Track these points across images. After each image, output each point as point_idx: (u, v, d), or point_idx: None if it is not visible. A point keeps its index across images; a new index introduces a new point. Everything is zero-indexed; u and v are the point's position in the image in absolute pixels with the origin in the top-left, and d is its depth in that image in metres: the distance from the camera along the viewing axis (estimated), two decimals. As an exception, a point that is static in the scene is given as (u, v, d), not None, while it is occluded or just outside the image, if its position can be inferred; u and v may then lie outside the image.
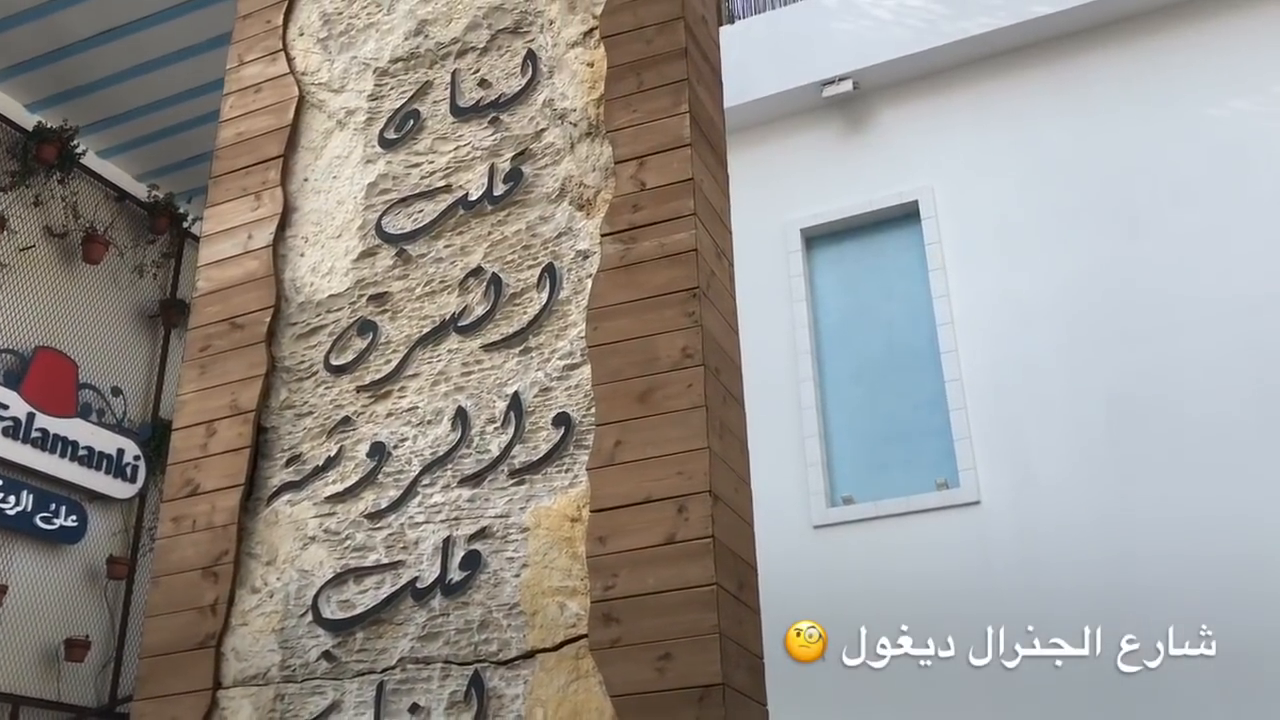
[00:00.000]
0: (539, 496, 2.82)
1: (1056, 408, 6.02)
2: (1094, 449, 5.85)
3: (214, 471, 3.18)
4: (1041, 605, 5.50)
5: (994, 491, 6.09)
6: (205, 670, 2.94)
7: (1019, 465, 6.06)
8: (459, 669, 2.71)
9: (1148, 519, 5.50)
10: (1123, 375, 5.88)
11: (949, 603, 5.71)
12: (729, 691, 2.44)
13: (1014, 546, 5.85)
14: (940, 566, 5.94)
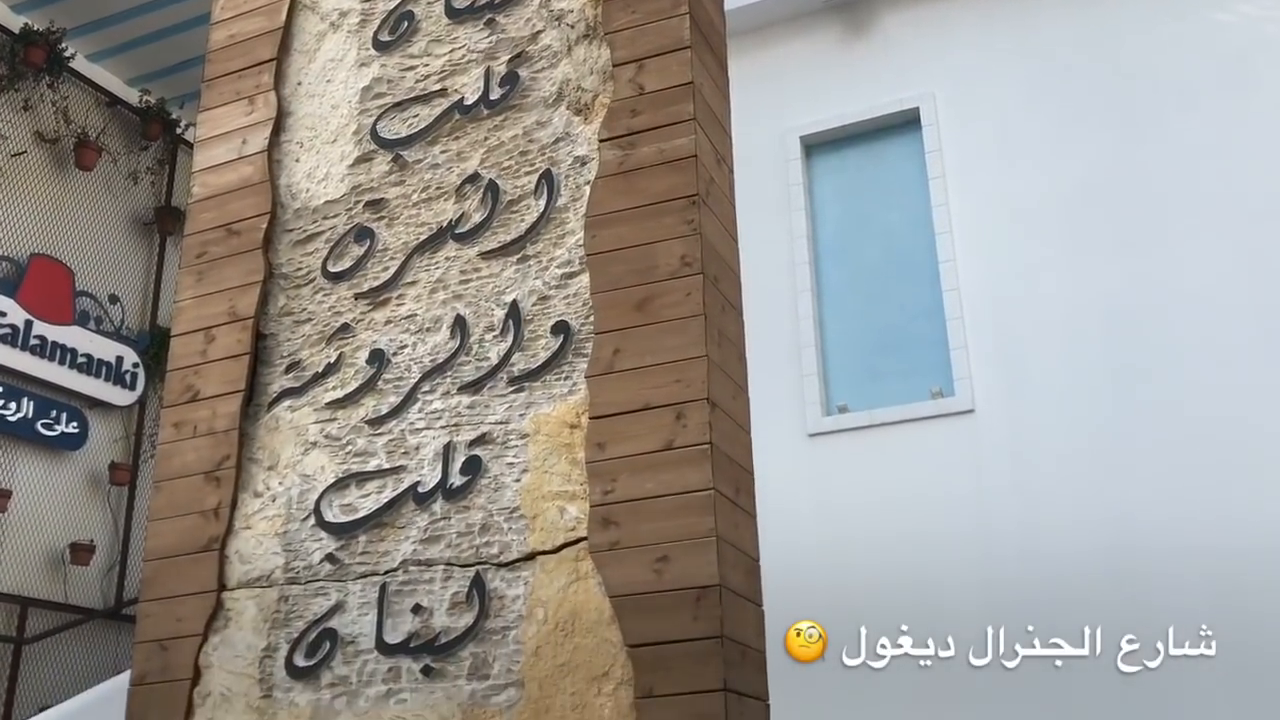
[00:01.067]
0: (538, 404, 2.83)
1: (1053, 317, 6.02)
2: (1090, 359, 5.86)
3: (214, 378, 3.19)
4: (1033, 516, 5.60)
5: (988, 400, 6.12)
6: (209, 572, 2.99)
7: (1014, 374, 6.08)
8: (460, 571, 2.75)
9: (1142, 429, 5.54)
10: (1121, 284, 5.87)
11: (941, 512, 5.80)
12: (725, 592, 2.49)
13: (1007, 455, 5.90)
14: (934, 475, 6.00)
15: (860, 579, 5.63)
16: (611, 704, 2.48)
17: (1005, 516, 5.72)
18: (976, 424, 6.16)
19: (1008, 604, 4.55)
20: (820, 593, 5.46)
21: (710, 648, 2.43)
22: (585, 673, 2.53)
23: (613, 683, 2.50)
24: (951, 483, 5.92)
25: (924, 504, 5.88)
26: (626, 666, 2.49)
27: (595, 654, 2.54)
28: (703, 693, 2.40)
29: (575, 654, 2.56)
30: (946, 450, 6.09)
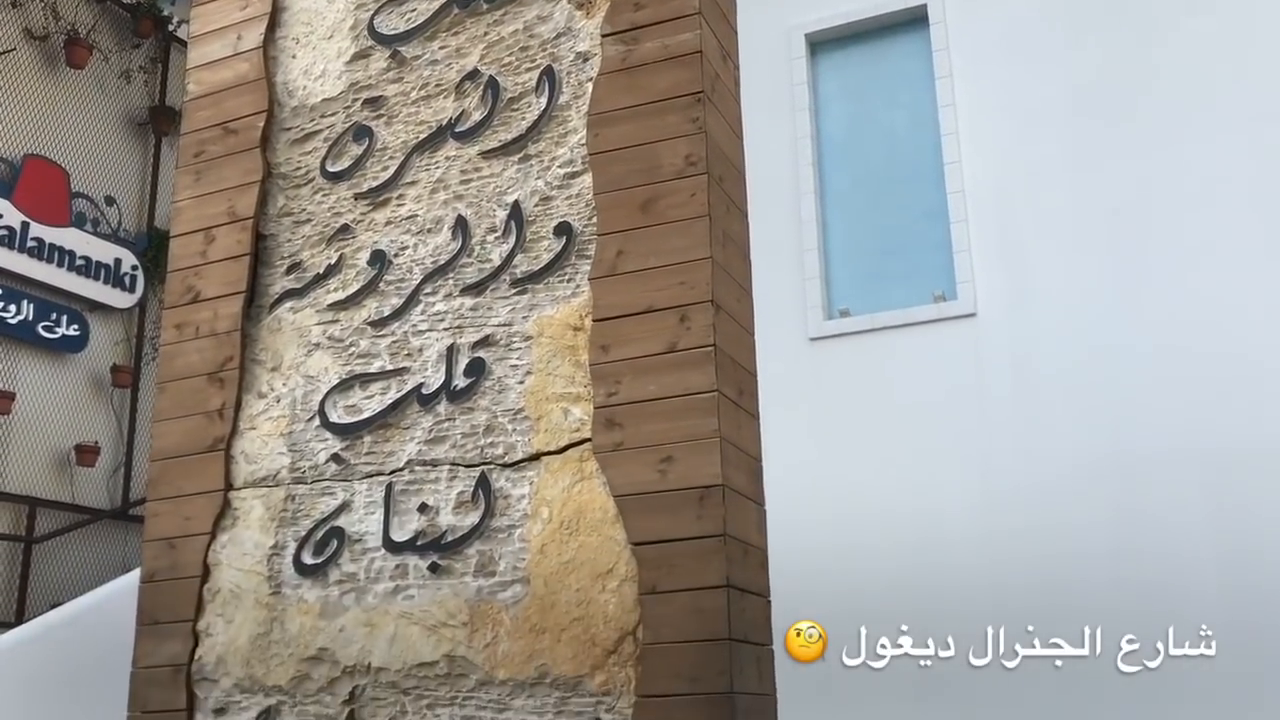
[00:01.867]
0: (541, 306, 2.82)
1: (1058, 220, 5.97)
2: (1094, 263, 5.82)
3: (214, 279, 3.18)
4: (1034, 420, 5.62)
5: (991, 304, 6.10)
6: (216, 472, 3.01)
7: (1017, 278, 6.05)
8: (466, 471, 2.77)
9: (1145, 335, 5.53)
10: (1127, 188, 5.80)
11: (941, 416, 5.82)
12: (728, 492, 2.51)
13: (1009, 359, 5.91)
14: (934, 379, 6.01)
15: (860, 503, 5.69)
16: (616, 600, 2.52)
17: (1006, 421, 5.75)
18: (978, 328, 6.15)
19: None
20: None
21: (713, 546, 2.46)
22: (590, 570, 2.57)
23: (617, 579, 2.54)
24: (952, 387, 5.94)
25: (924, 409, 5.90)
26: (631, 564, 2.53)
27: (600, 552, 2.57)
28: (706, 589, 2.43)
29: (580, 552, 2.59)
30: (948, 355, 6.10)
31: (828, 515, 5.61)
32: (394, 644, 2.70)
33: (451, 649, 2.64)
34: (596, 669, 2.50)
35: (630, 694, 2.45)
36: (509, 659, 2.59)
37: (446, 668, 2.64)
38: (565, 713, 2.50)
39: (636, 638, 2.48)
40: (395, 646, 2.70)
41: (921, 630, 2.32)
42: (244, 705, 2.82)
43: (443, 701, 2.62)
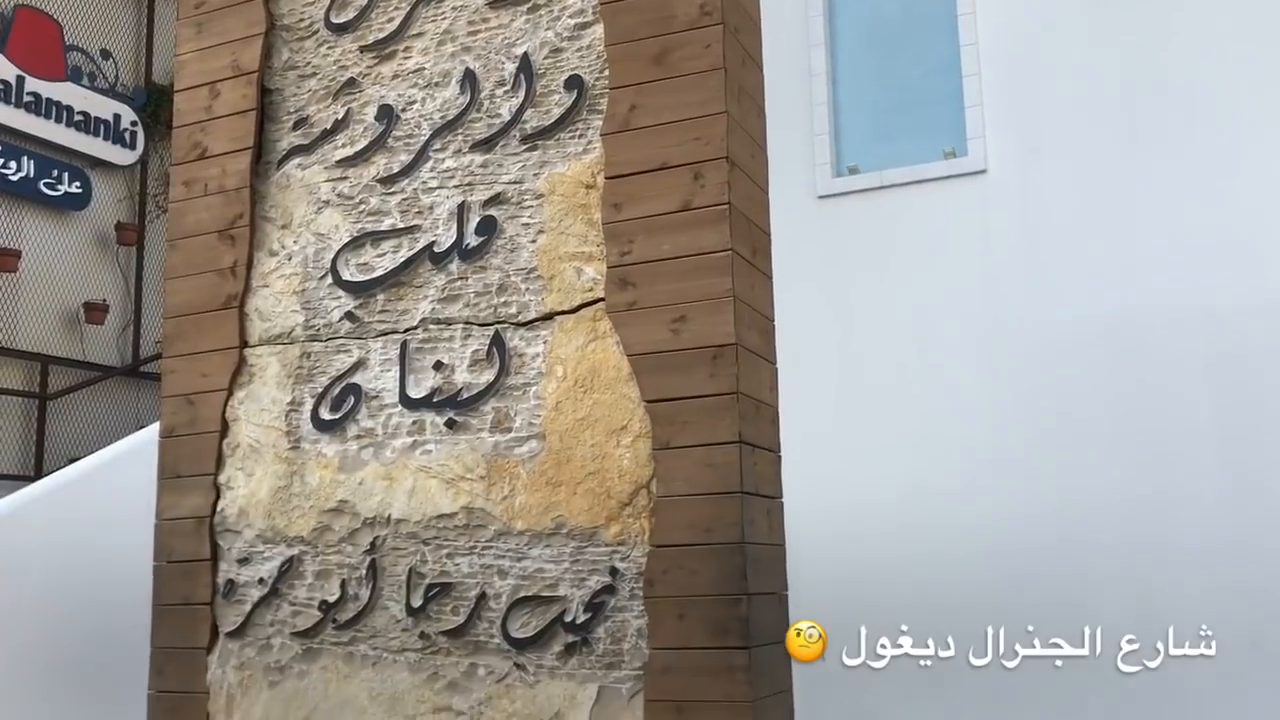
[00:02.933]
0: (552, 162, 2.79)
1: (1071, 77, 5.83)
2: (1107, 120, 5.73)
3: (221, 134, 3.14)
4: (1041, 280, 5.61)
5: (1001, 160, 6.02)
6: (231, 329, 3.03)
7: (1028, 134, 5.95)
8: (480, 329, 2.79)
9: (1156, 194, 5.47)
10: (1144, 43, 5.66)
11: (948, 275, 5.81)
12: (741, 350, 2.53)
13: (1018, 216, 5.86)
14: (943, 236, 5.98)
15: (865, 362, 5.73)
16: (630, 455, 2.57)
17: (1013, 280, 5.74)
18: (988, 185, 6.08)
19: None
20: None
21: (726, 403, 2.49)
22: (605, 426, 2.61)
23: (631, 435, 2.58)
24: (960, 244, 5.91)
25: (932, 267, 5.89)
26: (644, 420, 2.56)
27: (614, 409, 2.61)
28: (718, 444, 2.48)
29: (595, 409, 2.63)
30: (957, 212, 6.05)
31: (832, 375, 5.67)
32: (413, 497, 2.77)
33: (470, 501, 2.71)
34: (611, 520, 2.57)
35: (644, 544, 2.52)
36: (526, 511, 2.65)
37: (465, 519, 2.71)
38: (581, 561, 2.58)
39: (650, 491, 2.54)
40: (414, 499, 2.77)
41: (921, 630, 2.38)
42: (267, 555, 2.91)
43: (461, 551, 2.70)
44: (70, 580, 4.47)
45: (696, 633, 2.43)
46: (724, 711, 2.38)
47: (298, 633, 2.83)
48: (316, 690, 2.78)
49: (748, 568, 2.43)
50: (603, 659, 2.52)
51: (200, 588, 2.94)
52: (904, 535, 5.38)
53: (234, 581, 2.93)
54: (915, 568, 5.23)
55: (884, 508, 5.40)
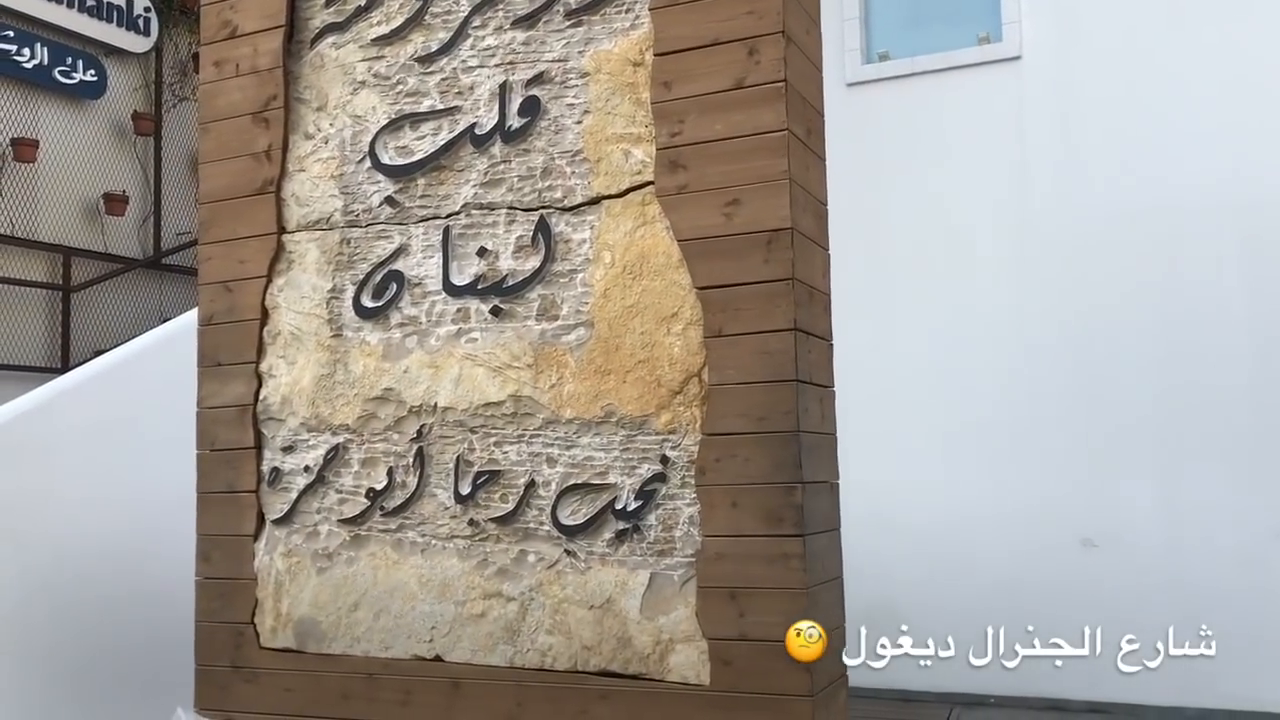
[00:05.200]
0: (598, 39, 2.69)
1: (1116, -45, 5.62)
2: (1145, 3, 5.53)
3: (251, 11, 3.03)
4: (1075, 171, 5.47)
5: (1036, 46, 5.84)
6: (268, 215, 2.97)
7: (1065, 20, 5.76)
8: (524, 214, 2.72)
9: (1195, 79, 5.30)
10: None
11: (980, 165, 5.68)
12: (797, 235, 2.46)
13: (1052, 104, 5.70)
14: (975, 125, 5.83)
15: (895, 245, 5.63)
16: (681, 343, 2.52)
17: (1046, 170, 5.61)
18: (1022, 71, 5.91)
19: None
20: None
21: (780, 289, 2.43)
22: (654, 314, 2.55)
23: (682, 323, 2.53)
24: (993, 133, 5.77)
25: (963, 157, 5.76)
26: (696, 308, 2.51)
27: (664, 296, 2.55)
28: (773, 332, 2.42)
29: (644, 296, 2.57)
30: (990, 100, 5.89)
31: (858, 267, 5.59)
32: (459, 385, 2.73)
33: (517, 389, 2.67)
34: (662, 409, 2.53)
35: (696, 432, 2.49)
36: (575, 399, 2.62)
37: (513, 407, 2.67)
38: (631, 449, 2.55)
39: (702, 379, 2.49)
40: (461, 387, 2.73)
41: (922, 630, 2.38)
42: (311, 444, 2.89)
43: (510, 439, 2.67)
44: (102, 472, 4.48)
45: (749, 520, 2.41)
46: (778, 598, 2.37)
47: (345, 520, 2.83)
48: (365, 576, 2.78)
49: (802, 456, 2.39)
50: (654, 546, 2.51)
51: (245, 475, 2.93)
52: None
53: (279, 469, 2.91)
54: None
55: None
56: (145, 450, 4.51)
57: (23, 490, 4.40)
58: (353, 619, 2.79)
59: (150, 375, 4.80)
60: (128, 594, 4.35)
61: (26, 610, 4.21)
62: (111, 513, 4.42)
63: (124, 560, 4.37)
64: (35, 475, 4.43)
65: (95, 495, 4.43)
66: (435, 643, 2.69)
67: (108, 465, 4.49)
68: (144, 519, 4.39)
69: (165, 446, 4.15)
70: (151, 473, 4.43)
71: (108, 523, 4.40)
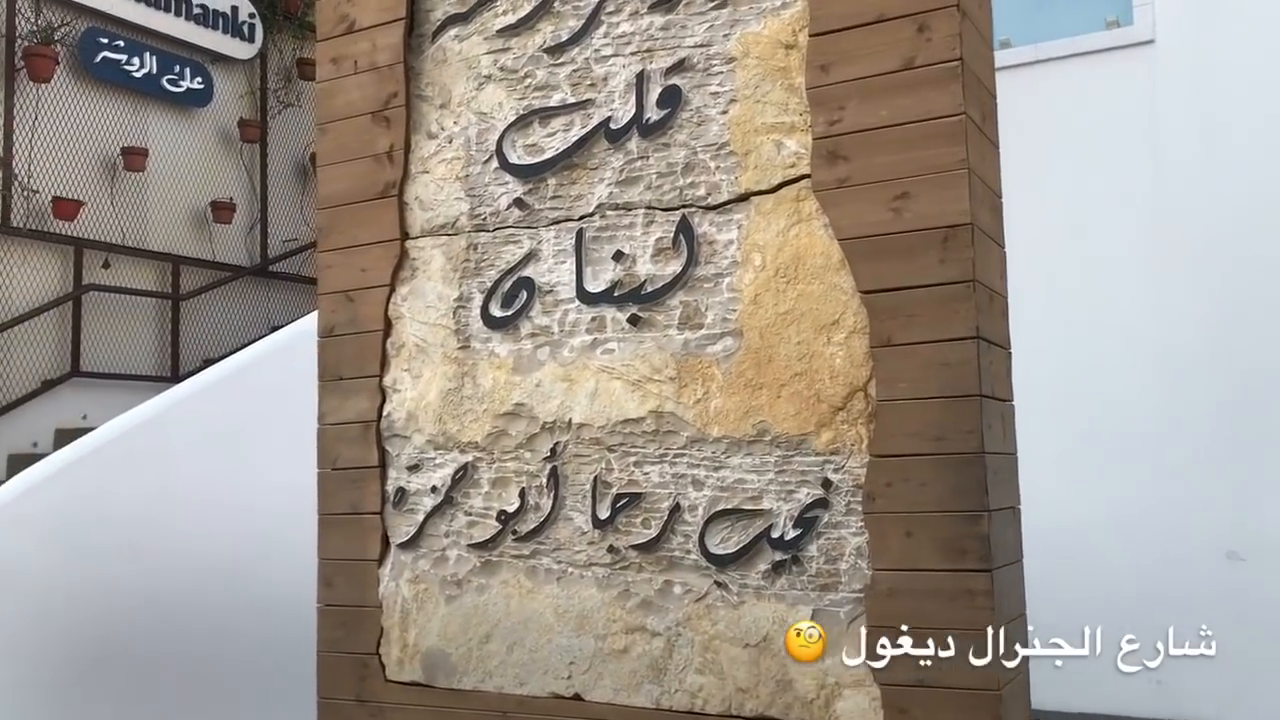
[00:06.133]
0: (745, 21, 2.45)
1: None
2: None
3: (370, 4, 2.86)
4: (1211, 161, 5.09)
5: (1170, 29, 5.47)
6: (390, 220, 2.80)
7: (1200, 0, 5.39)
8: (664, 214, 2.50)
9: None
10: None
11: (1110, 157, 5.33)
12: (976, 232, 2.20)
13: (1188, 90, 5.32)
14: (1105, 113, 5.48)
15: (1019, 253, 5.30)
16: (843, 353, 2.28)
17: (1182, 161, 5.24)
18: (1155, 56, 5.54)
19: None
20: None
21: (959, 292, 2.17)
22: (812, 321, 2.31)
23: (844, 331, 2.28)
24: (1124, 122, 5.40)
25: (1092, 148, 5.41)
26: (860, 314, 2.26)
27: (823, 301, 2.31)
28: (951, 340, 2.16)
29: (800, 301, 2.33)
30: (1120, 87, 5.53)
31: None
32: (595, 399, 2.53)
33: (659, 405, 2.45)
34: (823, 427, 2.29)
35: (862, 453, 2.24)
36: (723, 416, 2.39)
37: (654, 424, 2.46)
38: (788, 472, 2.31)
39: (868, 394, 2.25)
40: (597, 402, 2.52)
41: (922, 630, 2.27)
42: (439, 462, 2.71)
43: (651, 459, 2.46)
44: (214, 483, 4.40)
45: (927, 552, 2.16)
46: (960, 639, 2.11)
47: (475, 544, 2.64)
48: (497, 606, 2.59)
49: (988, 480, 2.13)
50: (816, 579, 2.27)
51: (369, 496, 2.76)
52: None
53: (404, 490, 2.74)
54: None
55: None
56: (257, 461, 4.43)
57: (137, 501, 4.33)
58: (484, 652, 2.60)
59: (261, 385, 4.72)
60: (241, 608, 4.26)
61: (140, 620, 4.14)
62: (224, 525, 4.33)
63: (237, 574, 4.28)
64: (150, 486, 4.37)
65: (208, 507, 4.35)
66: (574, 680, 2.49)
67: (220, 476, 4.42)
68: (257, 532, 4.29)
69: (277, 457, 4.05)
70: (264, 484, 4.33)
71: (220, 535, 4.31)
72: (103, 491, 4.33)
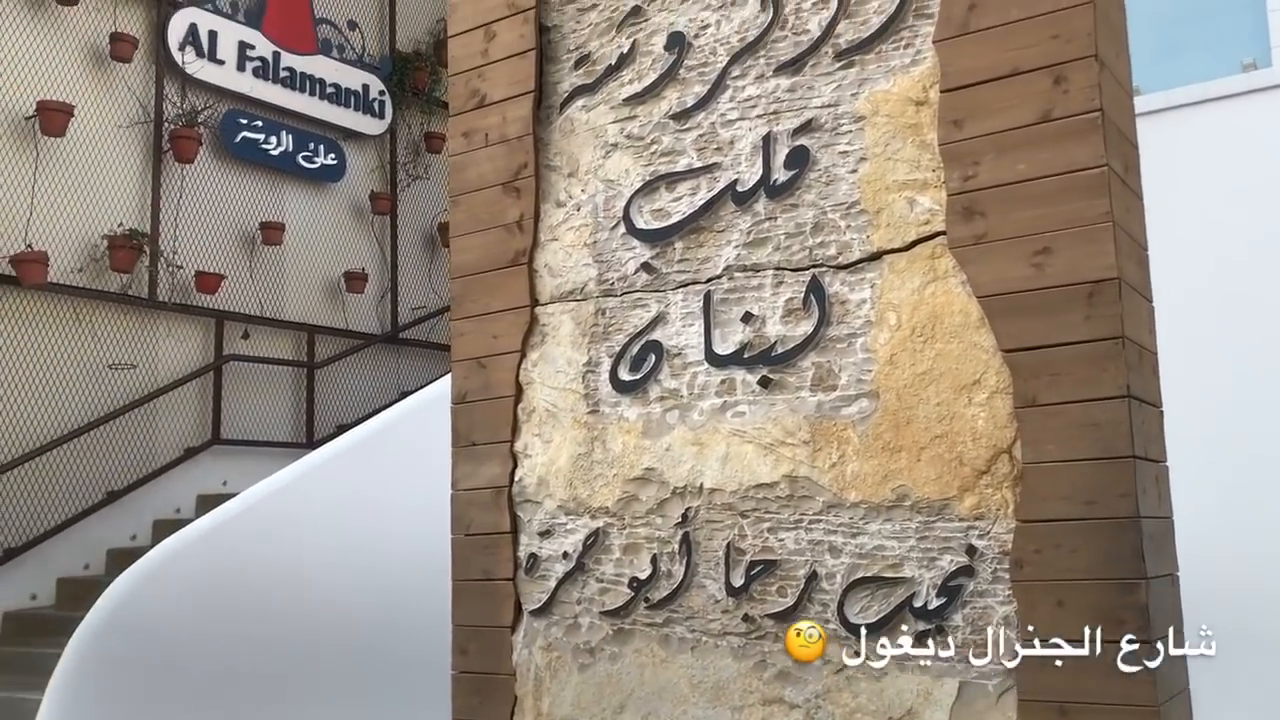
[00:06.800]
0: (873, 79, 2.43)
1: None
2: None
3: (499, 79, 2.93)
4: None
5: (1313, 69, 5.25)
6: (521, 287, 2.83)
7: (1345, 39, 5.16)
8: (793, 275, 2.47)
9: None
10: None
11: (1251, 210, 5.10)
12: (1124, 286, 2.11)
13: (1339, 134, 5.08)
14: (1244, 164, 5.25)
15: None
16: (986, 414, 2.20)
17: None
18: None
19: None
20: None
21: (1108, 350, 2.08)
22: (951, 381, 2.25)
23: (986, 391, 2.21)
24: (1265, 172, 5.17)
25: (1230, 200, 5.18)
26: (1002, 373, 2.19)
27: (962, 361, 2.24)
28: (1100, 400, 2.07)
29: (938, 361, 2.27)
30: (1259, 134, 5.30)
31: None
32: (727, 464, 2.49)
33: (792, 469, 2.41)
34: (966, 491, 2.21)
35: (1008, 519, 2.15)
36: (860, 480, 2.33)
37: (788, 489, 2.41)
38: (930, 538, 2.23)
39: (1013, 456, 2.16)
40: (728, 467, 2.49)
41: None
42: (570, 528, 2.70)
43: (786, 525, 2.41)
44: (348, 547, 4.49)
45: (1081, 623, 2.05)
46: (1120, 715, 2.00)
47: (607, 611, 2.62)
48: (631, 675, 2.56)
49: (1144, 546, 2.02)
50: (962, 650, 2.18)
51: (501, 562, 2.77)
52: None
53: (536, 556, 2.74)
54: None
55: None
56: (390, 525, 4.50)
57: (275, 564, 4.44)
58: (618, 722, 2.56)
59: (393, 450, 4.82)
60: (376, 673, 4.31)
61: (278, 686, 4.21)
62: (359, 589, 4.40)
63: (371, 638, 4.34)
64: (286, 550, 4.48)
65: (343, 571, 4.44)
66: (710, 752, 2.43)
67: (354, 540, 4.50)
68: (390, 596, 4.35)
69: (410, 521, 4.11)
70: (397, 549, 4.40)
71: (354, 600, 4.38)
72: (242, 556, 4.46)
